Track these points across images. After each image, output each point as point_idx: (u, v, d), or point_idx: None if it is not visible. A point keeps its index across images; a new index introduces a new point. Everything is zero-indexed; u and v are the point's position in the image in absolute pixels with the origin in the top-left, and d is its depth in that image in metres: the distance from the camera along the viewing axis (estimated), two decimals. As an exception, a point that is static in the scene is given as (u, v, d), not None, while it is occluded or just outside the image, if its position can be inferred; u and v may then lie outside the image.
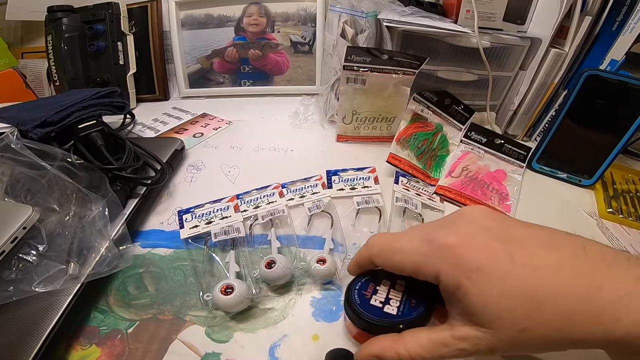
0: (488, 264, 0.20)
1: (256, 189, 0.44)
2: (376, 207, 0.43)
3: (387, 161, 0.47)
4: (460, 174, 0.48)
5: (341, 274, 0.34)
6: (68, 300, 0.29)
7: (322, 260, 0.33)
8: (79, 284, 0.31)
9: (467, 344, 0.20)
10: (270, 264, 0.32)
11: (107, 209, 0.35)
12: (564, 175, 0.49)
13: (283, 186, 0.45)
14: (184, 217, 0.40)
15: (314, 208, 0.42)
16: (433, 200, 0.44)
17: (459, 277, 0.20)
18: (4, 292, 0.28)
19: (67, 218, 0.33)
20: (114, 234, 0.35)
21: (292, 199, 0.43)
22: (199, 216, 0.40)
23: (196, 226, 0.39)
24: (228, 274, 0.34)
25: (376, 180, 0.46)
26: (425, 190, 0.46)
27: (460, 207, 0.43)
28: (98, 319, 0.32)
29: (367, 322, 0.25)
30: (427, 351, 0.21)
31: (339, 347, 0.27)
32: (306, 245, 0.38)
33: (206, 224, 0.39)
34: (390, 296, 0.26)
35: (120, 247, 0.35)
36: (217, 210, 0.40)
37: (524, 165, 0.50)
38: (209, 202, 0.42)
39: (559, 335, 0.18)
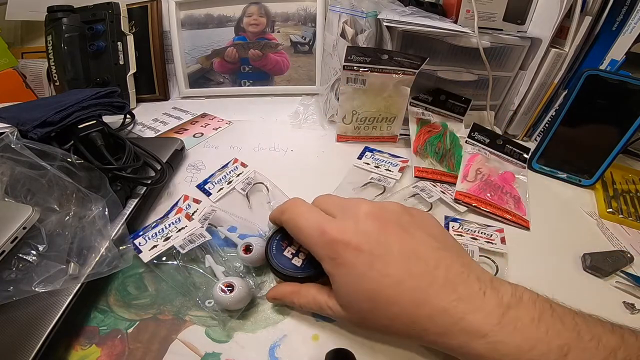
0: (353, 264, 0.25)
1: (157, 219, 0.40)
2: (383, 185, 0.46)
3: (415, 176, 0.48)
4: (475, 178, 0.48)
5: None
6: (68, 300, 0.29)
7: (248, 248, 0.34)
8: (79, 284, 0.31)
9: (332, 312, 0.27)
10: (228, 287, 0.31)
11: (107, 209, 0.35)
12: (564, 175, 0.49)
13: (186, 208, 0.41)
14: (137, 241, 0.36)
15: (246, 186, 0.45)
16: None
17: (333, 268, 0.26)
18: (4, 292, 0.28)
19: (67, 218, 0.33)
20: (114, 234, 0.35)
21: (221, 189, 0.46)
22: (151, 237, 0.36)
23: (155, 246, 0.35)
24: (217, 277, 0.34)
25: (401, 170, 0.49)
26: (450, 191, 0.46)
27: (480, 210, 0.43)
28: (98, 319, 0.32)
29: (276, 270, 0.31)
30: (310, 306, 0.29)
31: (339, 347, 0.27)
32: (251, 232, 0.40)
33: (164, 240, 0.36)
34: (300, 250, 0.32)
35: (120, 247, 0.35)
36: (170, 225, 0.37)
37: (525, 165, 0.50)
38: (155, 221, 0.39)
39: (389, 329, 0.25)
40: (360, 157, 0.51)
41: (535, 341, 0.20)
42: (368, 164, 0.50)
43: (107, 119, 0.51)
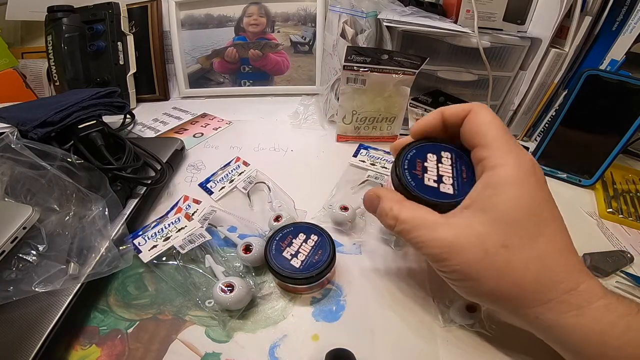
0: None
1: (157, 219, 0.40)
2: (381, 183, 0.46)
3: None
4: None
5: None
6: (68, 300, 0.29)
7: (248, 248, 0.34)
8: (79, 284, 0.31)
9: (440, 242, 0.24)
10: (228, 288, 0.31)
11: (107, 209, 0.35)
12: (564, 175, 0.49)
13: (186, 209, 0.41)
14: (136, 241, 0.36)
15: (247, 185, 0.44)
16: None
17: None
18: (4, 292, 0.28)
19: (67, 218, 0.33)
20: (114, 234, 0.35)
21: (222, 187, 0.46)
22: (151, 236, 0.36)
23: (155, 246, 0.35)
24: (217, 277, 0.34)
25: None
26: None
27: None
28: (98, 319, 0.32)
29: (275, 271, 0.30)
30: (412, 223, 0.26)
31: (339, 347, 0.27)
32: (251, 232, 0.40)
33: (164, 240, 0.36)
34: (300, 251, 0.32)
35: (120, 247, 0.35)
36: (169, 224, 0.37)
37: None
38: (155, 221, 0.39)
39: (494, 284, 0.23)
40: (355, 155, 0.52)
41: (636, 308, 0.21)
42: (364, 161, 0.50)
43: (107, 119, 0.51)
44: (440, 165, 0.27)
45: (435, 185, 0.26)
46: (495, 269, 0.22)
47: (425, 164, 0.27)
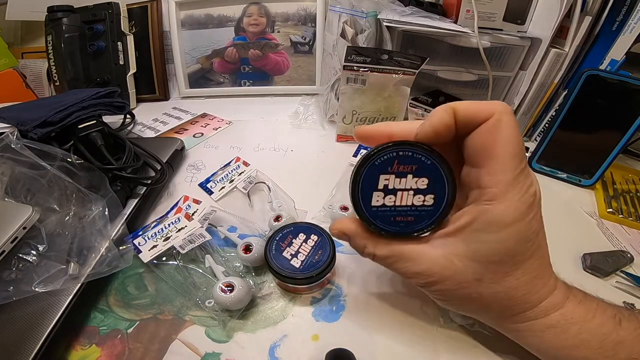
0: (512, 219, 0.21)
1: (157, 219, 0.39)
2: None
3: None
4: None
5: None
6: (68, 300, 0.29)
7: (248, 248, 0.34)
8: (79, 284, 0.31)
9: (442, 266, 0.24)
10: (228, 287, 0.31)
11: (107, 209, 0.35)
12: (564, 175, 0.49)
13: (186, 209, 0.41)
14: (136, 241, 0.36)
15: (247, 185, 0.44)
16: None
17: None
18: (4, 292, 0.28)
19: (67, 218, 0.33)
20: (114, 234, 0.35)
21: (222, 187, 0.46)
22: (151, 236, 0.36)
23: (155, 246, 0.35)
24: (217, 277, 0.34)
25: None
26: None
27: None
28: (98, 319, 0.32)
29: (274, 271, 0.31)
30: (391, 260, 0.25)
31: (339, 347, 0.27)
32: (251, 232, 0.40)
33: (164, 240, 0.36)
34: (300, 251, 0.32)
35: (120, 247, 0.35)
36: (169, 224, 0.37)
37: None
38: (155, 221, 0.39)
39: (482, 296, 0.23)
40: (355, 155, 0.51)
41: (594, 311, 0.23)
42: None
43: (107, 119, 0.51)
44: (412, 180, 0.23)
45: (403, 218, 0.24)
46: (466, 296, 0.23)
47: (390, 181, 0.23)
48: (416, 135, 0.22)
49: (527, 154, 0.50)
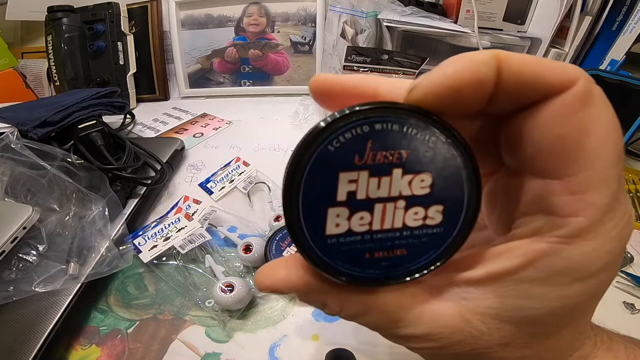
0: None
1: (157, 219, 0.39)
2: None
3: None
4: None
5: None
6: (68, 300, 0.29)
7: (248, 248, 0.34)
8: (79, 284, 0.31)
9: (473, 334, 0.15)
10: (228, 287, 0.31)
11: (107, 209, 0.35)
12: (564, 175, 0.49)
13: (186, 209, 0.41)
14: (136, 241, 0.36)
15: (247, 185, 0.44)
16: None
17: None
18: (4, 292, 0.28)
19: (67, 218, 0.33)
20: (114, 234, 0.35)
21: (222, 187, 0.46)
22: (151, 236, 0.36)
23: (155, 246, 0.35)
24: (217, 277, 0.34)
25: None
26: None
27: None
28: (98, 319, 0.32)
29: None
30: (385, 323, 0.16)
31: (339, 347, 0.27)
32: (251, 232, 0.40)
33: (164, 240, 0.36)
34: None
35: (120, 247, 0.35)
36: (169, 224, 0.37)
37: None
38: (155, 221, 0.39)
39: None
40: None
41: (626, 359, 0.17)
42: None
43: (107, 119, 0.51)
44: (402, 180, 0.12)
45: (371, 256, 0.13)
46: None
47: (359, 184, 0.12)
48: (410, 92, 0.11)
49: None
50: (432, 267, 0.13)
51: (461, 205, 0.12)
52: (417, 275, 0.13)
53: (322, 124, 0.11)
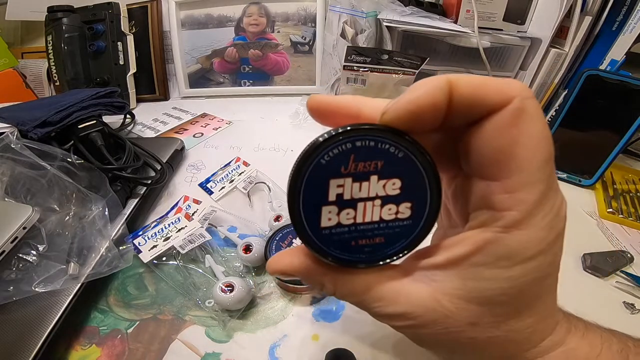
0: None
1: (157, 219, 0.39)
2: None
3: None
4: None
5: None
6: (68, 300, 0.29)
7: (248, 248, 0.34)
8: (79, 284, 0.31)
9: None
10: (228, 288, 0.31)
11: (107, 209, 0.35)
12: (564, 175, 0.49)
13: (186, 209, 0.41)
14: (136, 241, 0.36)
15: (247, 185, 0.44)
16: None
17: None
18: (4, 292, 0.28)
19: (67, 218, 0.33)
20: (114, 234, 0.35)
21: (222, 187, 0.46)
22: (151, 236, 0.36)
23: (155, 246, 0.35)
24: (217, 277, 0.34)
25: None
26: None
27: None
28: (98, 319, 0.32)
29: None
30: (358, 298, 0.19)
31: (339, 347, 0.27)
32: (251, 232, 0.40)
33: (164, 240, 0.36)
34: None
35: (120, 247, 0.35)
36: (169, 224, 0.37)
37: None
38: (155, 221, 0.39)
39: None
40: None
41: (599, 347, 0.19)
42: None
43: (107, 119, 0.51)
44: (378, 184, 0.15)
45: (356, 241, 0.16)
46: (453, 342, 0.18)
47: (345, 188, 0.16)
48: (382, 115, 0.15)
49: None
50: (406, 251, 0.17)
51: (425, 202, 0.16)
52: (395, 258, 0.17)
53: (318, 140, 0.15)
